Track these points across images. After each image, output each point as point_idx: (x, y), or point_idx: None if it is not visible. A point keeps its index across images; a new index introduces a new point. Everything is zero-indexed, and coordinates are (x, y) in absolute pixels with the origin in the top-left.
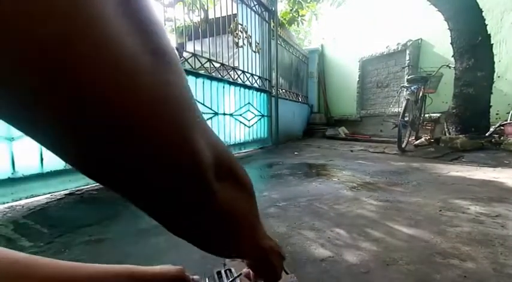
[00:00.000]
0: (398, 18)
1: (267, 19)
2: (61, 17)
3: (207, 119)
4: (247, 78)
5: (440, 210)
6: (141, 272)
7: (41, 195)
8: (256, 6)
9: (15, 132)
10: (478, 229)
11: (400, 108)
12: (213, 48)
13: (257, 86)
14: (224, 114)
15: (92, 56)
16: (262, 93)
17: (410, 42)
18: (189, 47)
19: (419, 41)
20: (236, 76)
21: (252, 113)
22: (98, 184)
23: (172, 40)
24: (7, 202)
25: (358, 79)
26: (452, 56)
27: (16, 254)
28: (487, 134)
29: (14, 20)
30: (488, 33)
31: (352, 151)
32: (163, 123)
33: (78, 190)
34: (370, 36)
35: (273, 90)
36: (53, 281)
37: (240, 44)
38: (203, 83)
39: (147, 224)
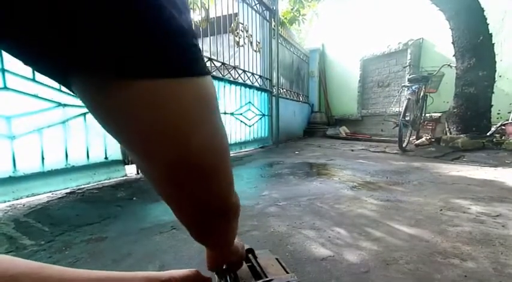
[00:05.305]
0: (399, 17)
1: (267, 18)
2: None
3: None
4: (248, 78)
5: (441, 210)
6: (157, 276)
7: (42, 194)
8: (257, 5)
9: (17, 130)
10: (479, 229)
11: (401, 108)
12: (213, 47)
13: (258, 85)
14: (225, 113)
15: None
16: (262, 93)
17: (412, 41)
18: None
19: (421, 40)
20: (237, 75)
21: (253, 112)
22: (99, 183)
23: None
24: (8, 201)
25: (359, 78)
26: (454, 56)
27: (27, 263)
28: (488, 134)
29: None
30: (490, 32)
31: (352, 150)
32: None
33: (79, 189)
34: (371, 36)
35: (274, 90)
36: None
37: (241, 43)
38: None
39: (147, 223)
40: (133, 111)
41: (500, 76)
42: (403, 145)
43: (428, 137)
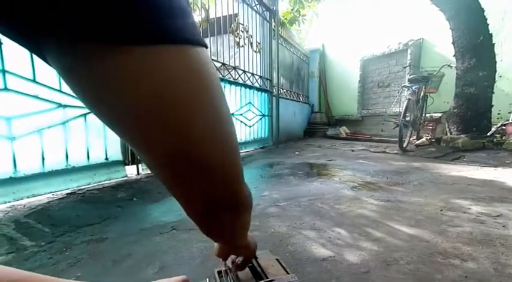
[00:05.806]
0: (399, 17)
1: (268, 19)
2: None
3: None
4: (248, 78)
5: (441, 210)
6: None
7: (42, 195)
8: (258, 5)
9: (17, 131)
10: (479, 229)
11: (401, 108)
12: (214, 47)
13: (258, 85)
14: None
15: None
16: (263, 93)
17: (412, 41)
18: None
19: (421, 40)
20: (237, 76)
21: (253, 112)
22: (99, 183)
23: None
24: (9, 201)
25: (359, 79)
26: (454, 56)
27: (18, 273)
28: (488, 134)
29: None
30: (490, 32)
31: (353, 151)
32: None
33: (79, 189)
34: (371, 36)
35: (274, 90)
36: None
37: (241, 43)
38: None
39: (148, 223)
40: (114, 83)
41: (500, 76)
42: (404, 145)
43: (428, 137)
